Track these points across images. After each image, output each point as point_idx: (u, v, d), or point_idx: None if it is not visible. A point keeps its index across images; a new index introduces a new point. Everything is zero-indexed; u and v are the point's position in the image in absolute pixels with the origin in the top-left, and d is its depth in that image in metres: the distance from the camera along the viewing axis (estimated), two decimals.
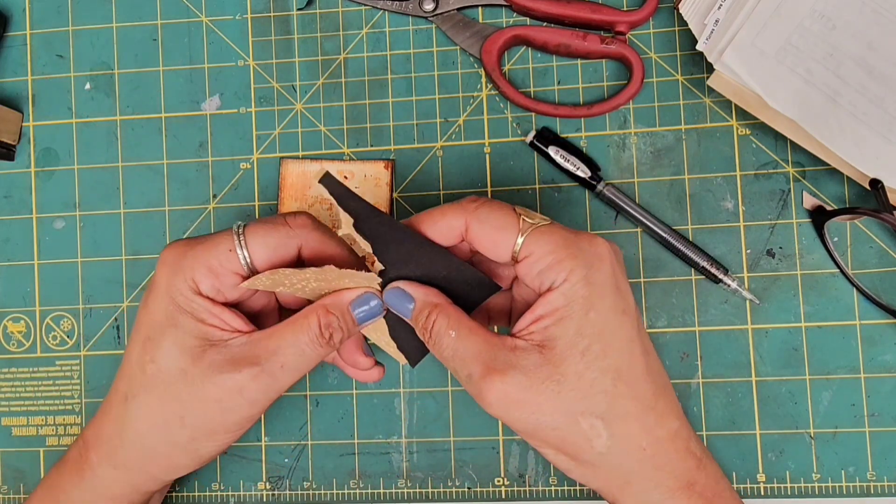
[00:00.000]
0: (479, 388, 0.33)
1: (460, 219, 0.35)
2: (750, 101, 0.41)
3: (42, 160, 0.49)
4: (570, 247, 0.34)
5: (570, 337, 0.33)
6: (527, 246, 0.34)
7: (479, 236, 0.35)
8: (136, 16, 0.49)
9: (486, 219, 0.34)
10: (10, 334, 0.48)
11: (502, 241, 0.34)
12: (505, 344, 0.34)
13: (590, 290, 0.33)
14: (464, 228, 0.35)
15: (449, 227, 0.35)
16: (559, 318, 0.33)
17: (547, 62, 0.46)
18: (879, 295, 0.43)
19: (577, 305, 0.33)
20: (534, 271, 0.34)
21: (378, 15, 0.47)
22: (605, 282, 0.34)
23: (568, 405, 0.33)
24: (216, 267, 0.35)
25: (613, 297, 0.34)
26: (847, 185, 0.44)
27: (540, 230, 0.34)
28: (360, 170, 0.46)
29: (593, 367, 0.33)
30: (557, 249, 0.33)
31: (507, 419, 0.34)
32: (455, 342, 0.34)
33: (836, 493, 0.43)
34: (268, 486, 0.46)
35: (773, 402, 0.43)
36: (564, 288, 0.33)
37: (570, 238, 0.34)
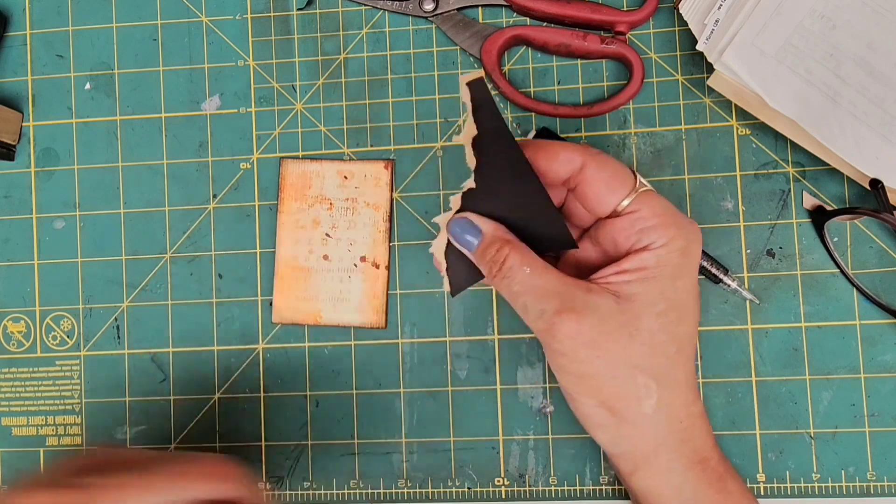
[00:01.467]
0: (552, 324, 0.33)
1: (580, 156, 0.35)
2: (750, 101, 0.41)
3: (42, 160, 0.49)
4: (677, 216, 0.35)
5: (653, 296, 0.34)
6: (636, 202, 0.35)
7: (595, 178, 0.35)
8: (136, 16, 0.49)
9: (606, 164, 0.35)
10: (10, 334, 0.48)
11: (616, 190, 0.35)
12: (581, 285, 0.34)
13: (683, 260, 0.34)
14: (579, 167, 0.35)
15: (568, 160, 0.35)
16: (646, 276, 0.34)
17: (547, 62, 0.46)
18: (879, 295, 0.43)
19: (668, 270, 0.34)
20: (635, 227, 0.34)
21: (378, 15, 0.47)
22: (695, 260, 0.35)
23: (634, 358, 0.34)
24: None
25: (695, 276, 0.35)
26: (847, 185, 0.44)
27: (650, 193, 0.35)
28: (360, 170, 0.46)
29: (666, 330, 0.34)
30: (665, 214, 0.34)
31: (570, 357, 0.34)
32: (529, 277, 0.34)
33: (836, 493, 0.43)
34: (268, 487, 0.46)
35: (773, 402, 0.43)
36: (661, 251, 0.34)
37: (676, 210, 0.35)
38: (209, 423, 0.47)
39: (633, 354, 0.34)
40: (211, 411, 0.47)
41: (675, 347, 0.35)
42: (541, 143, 0.36)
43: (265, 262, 0.47)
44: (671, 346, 0.34)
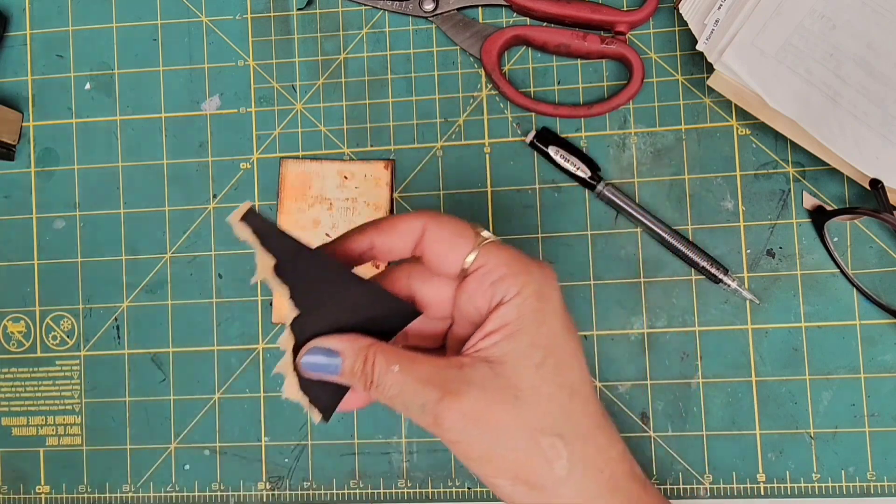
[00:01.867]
0: (436, 415, 0.31)
1: (419, 221, 0.34)
2: (750, 101, 0.41)
3: (42, 160, 0.49)
4: (523, 263, 0.33)
5: (524, 349, 0.32)
6: (481, 257, 0.33)
7: (436, 240, 0.34)
8: (136, 16, 0.49)
9: (445, 225, 0.34)
10: (10, 334, 0.48)
11: (458, 248, 0.33)
12: (452, 363, 0.32)
13: (541, 303, 0.32)
14: (420, 233, 0.34)
15: (408, 230, 0.34)
16: (510, 332, 0.32)
17: (547, 62, 0.46)
18: (879, 295, 0.43)
19: (530, 318, 0.32)
20: (485, 283, 0.33)
21: (378, 15, 0.47)
22: (555, 298, 0.33)
23: (527, 421, 0.32)
24: None
25: (563, 313, 0.33)
26: (847, 185, 0.44)
27: (494, 244, 0.33)
28: (360, 170, 0.46)
29: (549, 381, 0.32)
30: (511, 263, 0.33)
31: (465, 442, 0.32)
32: (400, 376, 0.32)
33: (836, 493, 0.43)
34: (268, 486, 0.46)
35: (773, 402, 0.43)
36: (517, 301, 0.32)
37: (521, 256, 0.33)
38: (209, 423, 0.47)
39: (525, 417, 0.32)
40: (211, 411, 0.47)
41: (567, 395, 0.32)
42: (379, 222, 0.34)
43: None
44: (562, 396, 0.32)
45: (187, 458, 0.47)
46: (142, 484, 0.47)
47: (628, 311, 0.45)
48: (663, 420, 0.44)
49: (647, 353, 0.44)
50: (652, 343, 0.44)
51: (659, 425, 0.44)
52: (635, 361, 0.44)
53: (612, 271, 0.45)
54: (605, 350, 0.45)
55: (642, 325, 0.44)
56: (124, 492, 0.47)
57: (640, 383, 0.44)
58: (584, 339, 0.45)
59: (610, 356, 0.45)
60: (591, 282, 0.45)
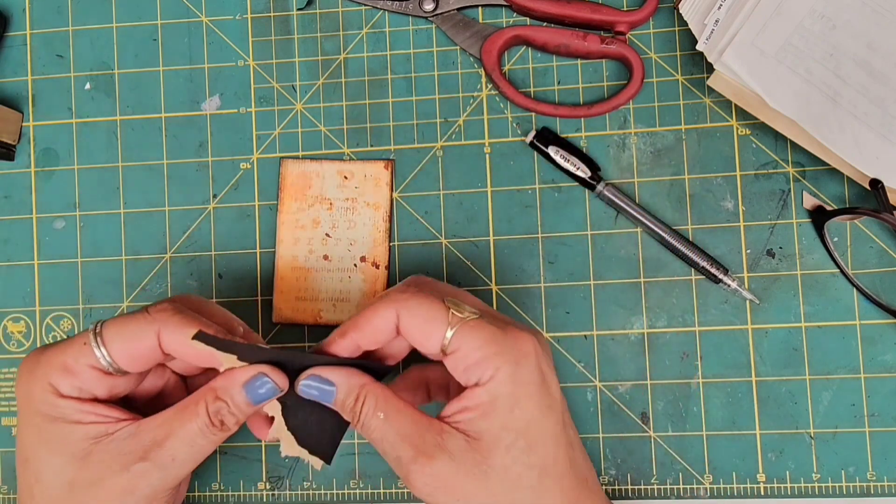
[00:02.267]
0: (408, 471, 0.33)
1: (392, 311, 0.35)
2: (750, 101, 0.41)
3: (42, 160, 0.49)
4: (497, 344, 0.34)
5: (496, 431, 0.33)
6: (455, 341, 0.34)
7: (410, 328, 0.34)
8: (136, 16, 0.49)
9: (416, 311, 0.34)
10: (10, 334, 0.48)
11: (432, 334, 0.34)
12: (433, 427, 0.34)
13: (515, 388, 0.33)
14: (396, 320, 0.35)
15: (383, 321, 0.35)
16: (484, 412, 0.33)
17: (547, 62, 0.46)
18: (879, 295, 0.43)
19: (502, 402, 0.33)
20: (461, 367, 0.34)
21: (378, 15, 0.47)
22: (530, 379, 0.34)
23: (495, 496, 0.33)
24: (71, 365, 0.33)
25: (539, 394, 0.34)
26: (847, 185, 0.44)
27: (468, 325, 0.34)
28: (360, 170, 0.46)
29: (519, 462, 0.33)
30: (484, 346, 0.33)
31: (434, 502, 0.33)
32: (383, 424, 0.33)
33: (836, 493, 0.43)
34: (268, 486, 0.46)
35: (773, 402, 0.43)
36: (490, 386, 0.33)
37: (497, 334, 0.34)
38: None
39: (492, 492, 0.33)
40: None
41: (536, 476, 0.33)
42: (357, 321, 0.35)
43: (265, 262, 0.47)
44: (531, 476, 0.33)
45: None
46: None
47: (628, 311, 0.45)
48: (663, 420, 0.44)
49: (647, 353, 0.44)
50: (652, 343, 0.44)
51: (659, 425, 0.44)
52: (635, 361, 0.44)
53: (612, 271, 0.45)
54: (605, 350, 0.45)
55: (642, 325, 0.44)
56: None
57: (640, 383, 0.44)
58: (584, 339, 0.45)
59: (610, 356, 0.45)
60: (591, 282, 0.45)
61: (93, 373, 0.33)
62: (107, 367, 0.34)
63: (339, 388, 0.34)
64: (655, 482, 0.44)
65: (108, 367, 0.34)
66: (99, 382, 0.34)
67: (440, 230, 0.46)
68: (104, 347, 0.33)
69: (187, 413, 0.33)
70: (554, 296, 0.45)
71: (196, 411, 0.33)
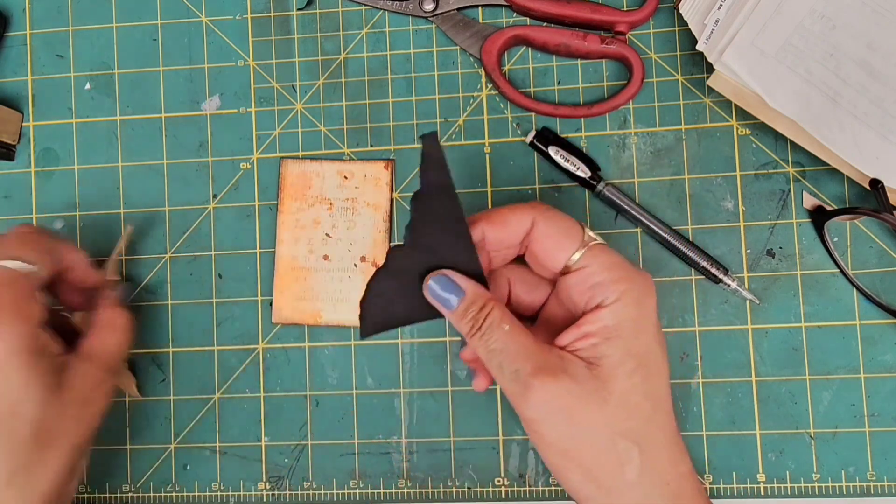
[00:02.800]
0: (526, 386, 0.32)
1: (529, 216, 0.35)
2: (750, 101, 0.41)
3: (42, 160, 0.49)
4: (625, 270, 0.34)
5: (619, 356, 0.33)
6: (586, 258, 0.34)
7: (544, 236, 0.35)
8: (136, 16, 0.49)
9: (554, 221, 0.35)
10: None
11: (565, 245, 0.35)
12: (554, 351, 0.34)
13: (640, 313, 0.34)
14: (530, 226, 0.35)
15: (518, 223, 0.35)
16: (608, 336, 0.33)
17: (547, 62, 0.46)
18: (879, 295, 0.43)
19: (628, 326, 0.33)
20: (587, 284, 0.34)
21: (378, 15, 0.47)
22: (652, 311, 0.34)
23: (611, 423, 0.33)
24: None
25: (657, 327, 0.34)
26: (847, 185, 0.44)
27: (599, 247, 0.35)
28: (360, 170, 0.46)
29: (638, 389, 0.33)
30: (614, 268, 0.34)
31: (545, 424, 0.33)
32: (508, 336, 0.33)
33: (836, 493, 0.43)
34: (268, 486, 0.46)
35: (773, 402, 0.43)
36: (616, 307, 0.33)
37: (625, 262, 0.35)
38: (209, 423, 0.47)
39: (609, 420, 0.33)
40: (211, 411, 0.47)
41: (650, 406, 0.33)
42: (491, 214, 0.35)
43: (265, 262, 0.47)
44: (646, 406, 0.33)
45: (187, 458, 0.47)
46: (142, 484, 0.47)
47: None
48: None
49: None
50: None
51: None
52: None
53: None
54: None
55: None
56: (124, 492, 0.47)
57: None
58: None
59: None
60: None
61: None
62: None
63: (468, 293, 0.34)
64: None
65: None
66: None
67: None
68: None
69: (111, 327, 0.42)
70: None
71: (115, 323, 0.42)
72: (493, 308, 0.34)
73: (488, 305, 0.34)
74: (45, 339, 0.37)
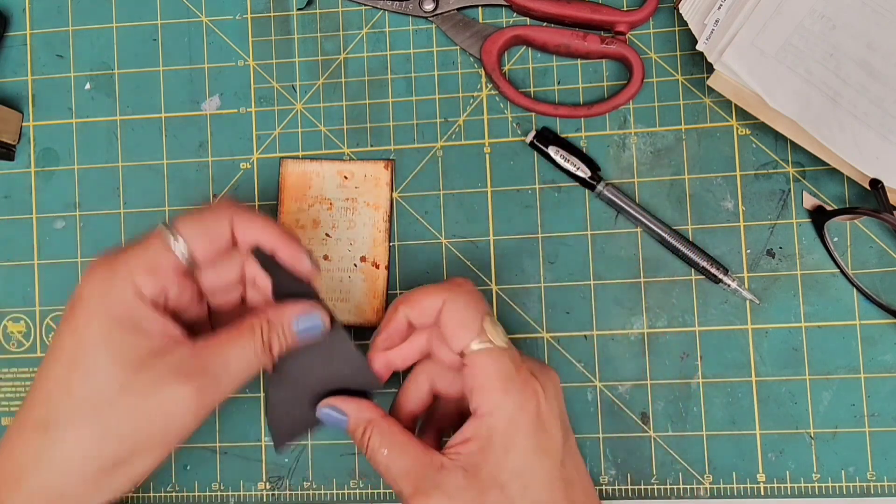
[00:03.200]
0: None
1: (440, 298, 0.36)
2: (750, 101, 0.41)
3: (42, 160, 0.49)
4: (505, 382, 0.34)
5: (491, 468, 0.34)
6: (472, 358, 0.35)
7: (447, 320, 0.36)
8: (136, 16, 0.49)
9: (457, 309, 0.36)
10: (10, 334, 0.48)
11: (461, 336, 0.35)
12: (433, 462, 0.34)
13: (511, 429, 0.34)
14: (440, 308, 0.36)
15: (431, 305, 0.36)
16: (482, 448, 0.34)
17: (547, 62, 0.46)
18: (879, 295, 0.43)
19: (498, 441, 0.34)
20: (469, 384, 0.35)
21: (378, 15, 0.47)
22: (528, 423, 0.34)
23: None
24: (155, 264, 0.34)
25: (535, 437, 0.34)
26: (847, 185, 0.44)
27: (490, 352, 0.35)
28: (360, 170, 0.46)
29: (512, 502, 0.34)
30: (493, 379, 0.34)
31: None
32: (387, 459, 0.35)
33: (836, 493, 0.43)
34: (268, 486, 0.46)
35: (773, 402, 0.43)
36: (488, 420, 0.34)
37: (509, 373, 0.35)
38: (209, 423, 0.47)
39: None
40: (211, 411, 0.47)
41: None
42: (409, 297, 0.37)
43: None
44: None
45: (187, 458, 0.47)
46: (142, 484, 0.47)
47: (628, 311, 0.45)
48: (663, 420, 0.44)
49: (647, 353, 0.44)
50: (652, 343, 0.44)
51: (659, 425, 0.44)
52: (635, 361, 0.44)
53: (612, 271, 0.45)
54: (605, 350, 0.45)
55: (642, 325, 0.44)
56: None
57: (640, 383, 0.44)
58: (584, 339, 0.45)
59: (610, 356, 0.45)
60: (591, 282, 0.45)
61: (172, 274, 0.34)
62: (183, 259, 0.35)
63: (350, 419, 0.36)
64: (655, 482, 0.44)
65: (185, 259, 0.35)
66: (174, 284, 0.35)
67: (440, 230, 0.46)
68: (183, 242, 0.34)
69: (244, 337, 0.35)
70: (554, 296, 0.45)
71: (252, 335, 0.35)
72: (373, 433, 0.36)
73: (368, 430, 0.36)
74: (145, 315, 0.34)
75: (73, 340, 0.33)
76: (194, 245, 0.35)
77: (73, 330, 0.33)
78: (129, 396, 0.33)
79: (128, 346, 0.33)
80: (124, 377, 0.33)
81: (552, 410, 0.35)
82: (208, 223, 0.35)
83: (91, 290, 0.33)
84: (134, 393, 0.33)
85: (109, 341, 0.33)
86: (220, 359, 0.34)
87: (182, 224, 0.35)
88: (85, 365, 0.33)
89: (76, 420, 0.32)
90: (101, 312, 0.33)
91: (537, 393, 0.35)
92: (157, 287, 0.34)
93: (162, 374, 0.33)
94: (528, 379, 0.35)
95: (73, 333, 0.33)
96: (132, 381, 0.33)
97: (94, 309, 0.33)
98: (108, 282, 0.33)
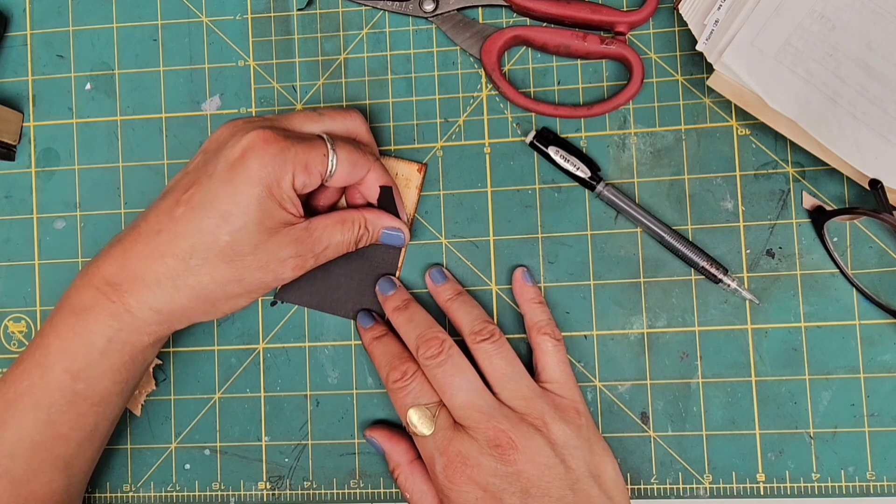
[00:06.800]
0: None
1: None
2: (750, 101, 0.42)
3: (42, 160, 0.49)
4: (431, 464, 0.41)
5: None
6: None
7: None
8: (136, 16, 0.49)
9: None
10: (11, 334, 0.48)
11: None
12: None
13: None
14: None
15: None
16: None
17: (547, 62, 0.46)
18: (879, 295, 0.43)
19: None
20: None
21: (378, 15, 0.47)
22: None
23: None
24: (311, 167, 0.39)
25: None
26: (847, 185, 0.44)
27: (419, 439, 0.42)
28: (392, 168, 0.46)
29: None
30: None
31: None
32: (410, 500, 0.43)
33: (835, 493, 0.43)
34: (268, 486, 0.46)
35: (772, 402, 0.44)
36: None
37: (431, 459, 0.41)
38: (209, 423, 0.47)
39: None
40: (211, 411, 0.47)
41: None
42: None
43: None
44: None
45: (187, 458, 0.47)
46: (142, 484, 0.47)
47: (628, 311, 0.45)
48: (663, 420, 0.44)
49: (646, 353, 0.44)
50: (652, 343, 0.44)
51: (659, 425, 0.44)
52: (635, 361, 0.44)
53: (612, 271, 0.45)
54: (605, 350, 0.45)
55: (642, 325, 0.45)
56: (125, 492, 0.47)
57: (640, 383, 0.44)
58: (584, 339, 0.45)
59: (610, 356, 0.45)
60: (591, 282, 0.45)
61: (318, 177, 0.40)
62: (329, 174, 0.40)
63: (387, 458, 0.44)
64: (655, 482, 0.44)
65: (330, 174, 0.40)
66: (313, 183, 0.40)
67: (440, 230, 0.46)
68: (336, 163, 0.40)
69: (345, 225, 0.42)
70: (554, 296, 0.45)
71: (353, 227, 0.42)
72: (400, 475, 0.43)
73: (397, 470, 0.43)
74: (290, 196, 0.39)
75: (230, 199, 0.38)
76: (340, 168, 0.40)
77: (232, 191, 0.38)
78: (261, 254, 0.39)
79: (271, 217, 0.39)
80: (260, 239, 0.39)
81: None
82: (357, 160, 0.41)
83: (260, 163, 0.38)
84: (265, 251, 0.39)
85: (261, 209, 0.38)
86: (325, 238, 0.41)
87: (340, 148, 0.40)
88: (236, 222, 0.38)
89: (217, 263, 0.39)
90: (262, 184, 0.38)
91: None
92: (304, 181, 0.39)
93: (285, 243, 0.40)
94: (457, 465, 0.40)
95: (233, 194, 0.38)
96: (265, 243, 0.39)
97: (258, 179, 0.38)
98: (275, 163, 0.38)
